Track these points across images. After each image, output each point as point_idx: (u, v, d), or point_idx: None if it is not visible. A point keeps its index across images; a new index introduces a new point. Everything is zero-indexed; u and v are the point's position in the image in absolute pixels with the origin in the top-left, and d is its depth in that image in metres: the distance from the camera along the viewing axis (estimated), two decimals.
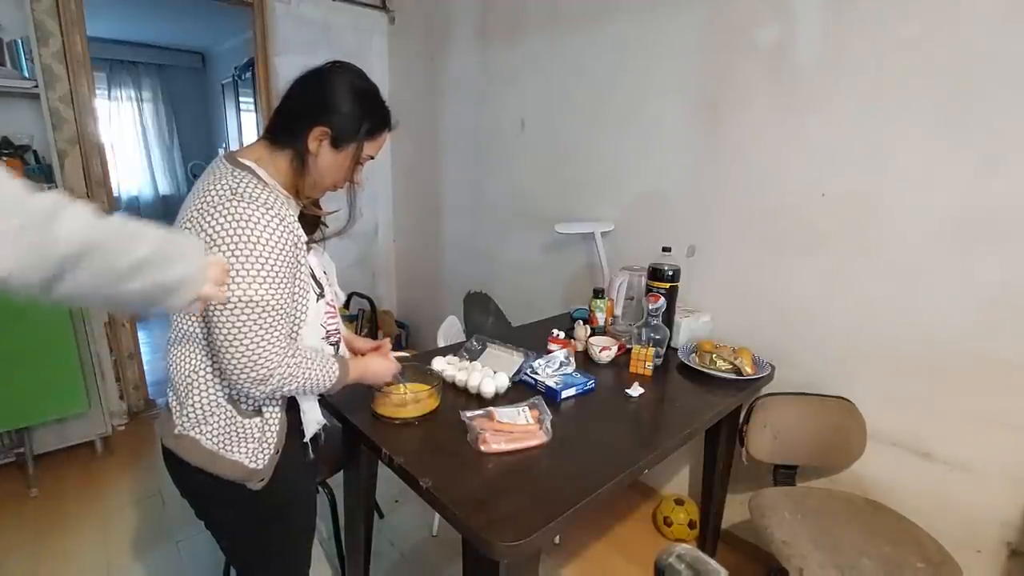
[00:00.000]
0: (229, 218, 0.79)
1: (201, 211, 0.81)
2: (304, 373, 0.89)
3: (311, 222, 1.02)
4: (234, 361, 0.82)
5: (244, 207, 0.80)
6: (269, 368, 0.84)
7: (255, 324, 0.82)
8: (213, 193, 0.82)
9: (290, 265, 0.86)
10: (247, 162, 0.89)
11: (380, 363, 1.09)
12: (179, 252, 0.65)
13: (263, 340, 0.83)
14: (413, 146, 3.09)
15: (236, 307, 0.80)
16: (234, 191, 0.82)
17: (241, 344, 0.81)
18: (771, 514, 1.34)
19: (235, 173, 0.85)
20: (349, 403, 1.17)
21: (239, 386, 0.85)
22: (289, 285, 0.87)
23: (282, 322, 0.86)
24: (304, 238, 0.92)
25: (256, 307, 0.81)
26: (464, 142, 2.74)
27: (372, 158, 0.98)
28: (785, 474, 1.56)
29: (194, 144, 5.73)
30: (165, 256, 0.62)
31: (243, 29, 3.03)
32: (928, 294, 1.38)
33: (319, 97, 0.90)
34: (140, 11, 4.01)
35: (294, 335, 0.92)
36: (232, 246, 0.79)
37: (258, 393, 0.86)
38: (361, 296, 3.19)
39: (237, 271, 0.79)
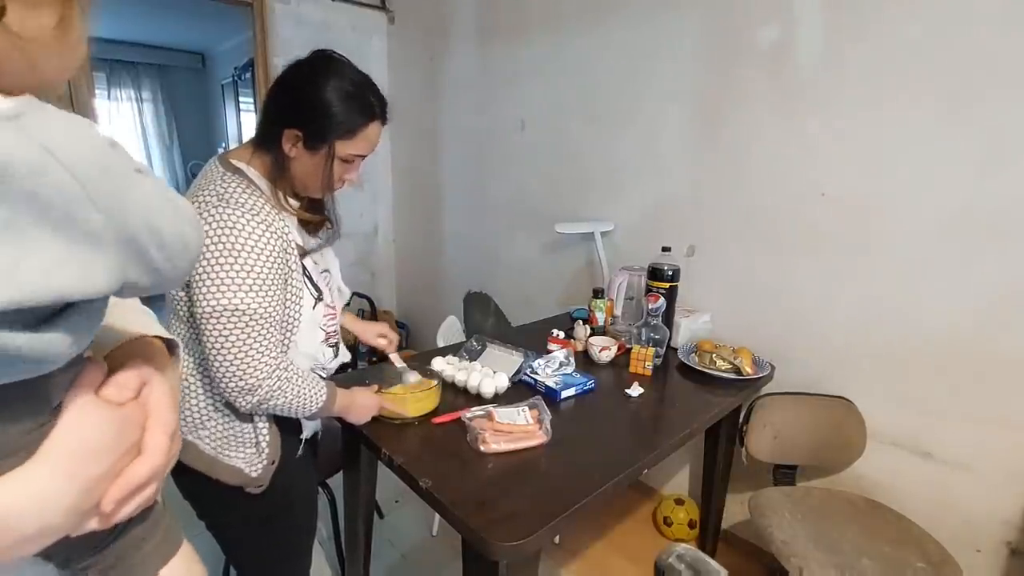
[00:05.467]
0: (214, 224, 0.78)
1: None
2: (293, 390, 0.87)
3: (315, 224, 1.00)
4: (222, 370, 0.81)
5: (229, 213, 0.78)
6: (257, 379, 0.82)
7: (243, 333, 0.80)
8: (201, 199, 0.80)
9: (279, 272, 0.84)
10: (239, 164, 0.87)
11: (366, 399, 1.05)
12: None
13: (252, 350, 0.81)
14: (413, 146, 3.09)
15: (223, 316, 0.79)
16: (220, 196, 0.80)
17: (229, 353, 0.80)
18: (771, 514, 1.34)
19: (225, 177, 0.84)
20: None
21: (226, 395, 0.84)
22: (279, 292, 0.84)
23: (272, 331, 0.84)
24: (296, 242, 0.90)
25: (243, 316, 0.80)
26: (464, 142, 2.74)
27: (363, 156, 0.91)
28: (785, 474, 1.56)
29: (194, 144, 5.73)
30: None
31: (243, 29, 3.02)
32: (928, 294, 1.38)
33: (290, 97, 0.86)
34: (140, 11, 4.01)
35: (286, 345, 0.90)
36: (217, 254, 0.77)
37: (244, 404, 0.84)
38: (361, 296, 3.19)
39: (223, 279, 0.77)
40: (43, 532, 0.32)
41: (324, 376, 1.02)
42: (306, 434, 1.05)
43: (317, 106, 0.84)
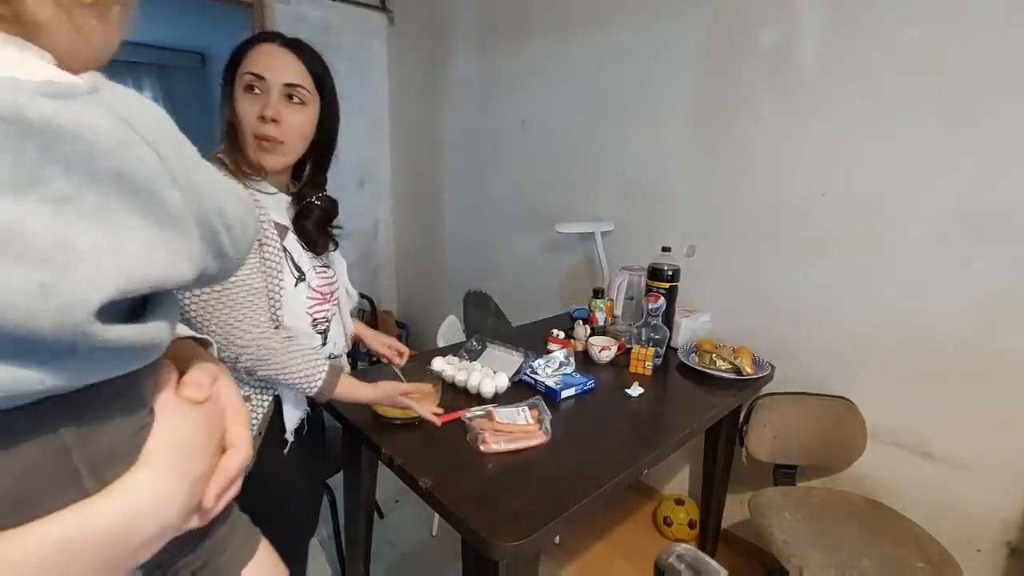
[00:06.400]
0: None
1: None
2: (281, 360, 0.88)
3: (320, 220, 1.01)
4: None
5: None
6: (239, 347, 0.85)
7: (218, 303, 0.83)
8: None
9: None
10: (219, 155, 0.94)
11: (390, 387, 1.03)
12: None
13: (231, 319, 0.84)
14: (413, 146, 3.08)
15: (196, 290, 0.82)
16: None
17: (211, 324, 0.83)
18: (771, 514, 1.34)
19: None
20: (349, 403, 1.17)
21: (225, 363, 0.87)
22: (254, 260, 0.87)
23: (252, 299, 0.86)
24: (270, 217, 0.92)
25: (217, 286, 0.82)
26: (465, 142, 2.74)
27: (259, 76, 0.92)
28: (785, 474, 1.56)
29: (195, 144, 5.67)
30: None
31: (243, 29, 3.03)
32: (928, 293, 1.38)
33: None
34: (140, 11, 4.00)
35: (276, 319, 0.92)
36: None
37: (240, 369, 0.87)
38: (361, 296, 3.19)
39: None
40: (161, 534, 0.32)
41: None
42: (290, 425, 1.04)
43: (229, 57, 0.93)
